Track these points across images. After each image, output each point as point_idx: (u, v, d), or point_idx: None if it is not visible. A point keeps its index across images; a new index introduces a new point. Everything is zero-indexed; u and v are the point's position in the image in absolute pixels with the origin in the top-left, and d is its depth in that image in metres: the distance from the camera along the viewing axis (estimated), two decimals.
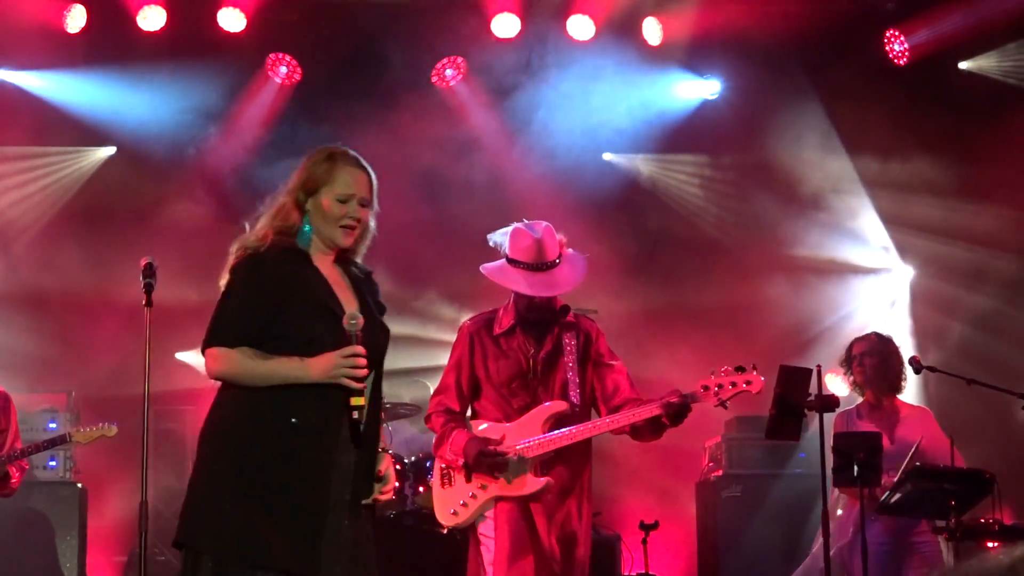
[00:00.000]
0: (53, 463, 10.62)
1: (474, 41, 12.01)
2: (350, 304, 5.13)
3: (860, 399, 9.01)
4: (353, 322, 4.97)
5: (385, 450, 5.27)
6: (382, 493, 5.18)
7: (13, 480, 9.14)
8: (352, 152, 5.39)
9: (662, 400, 6.82)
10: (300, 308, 5.02)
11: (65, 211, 12.01)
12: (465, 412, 7.22)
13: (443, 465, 7.09)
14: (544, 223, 7.10)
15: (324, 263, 5.22)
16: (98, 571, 11.19)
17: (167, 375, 11.50)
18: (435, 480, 7.15)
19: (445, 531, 7.18)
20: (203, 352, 5.08)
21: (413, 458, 10.41)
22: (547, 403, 6.96)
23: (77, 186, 12.16)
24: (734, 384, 6.90)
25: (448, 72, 12.32)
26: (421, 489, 10.14)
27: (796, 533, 10.16)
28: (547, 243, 7.00)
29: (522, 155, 12.30)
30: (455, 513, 7.00)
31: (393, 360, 12.49)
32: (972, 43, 11.95)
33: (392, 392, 11.10)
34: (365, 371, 4.95)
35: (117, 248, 11.46)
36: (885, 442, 8.41)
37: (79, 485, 10.59)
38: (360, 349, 4.95)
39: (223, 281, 5.21)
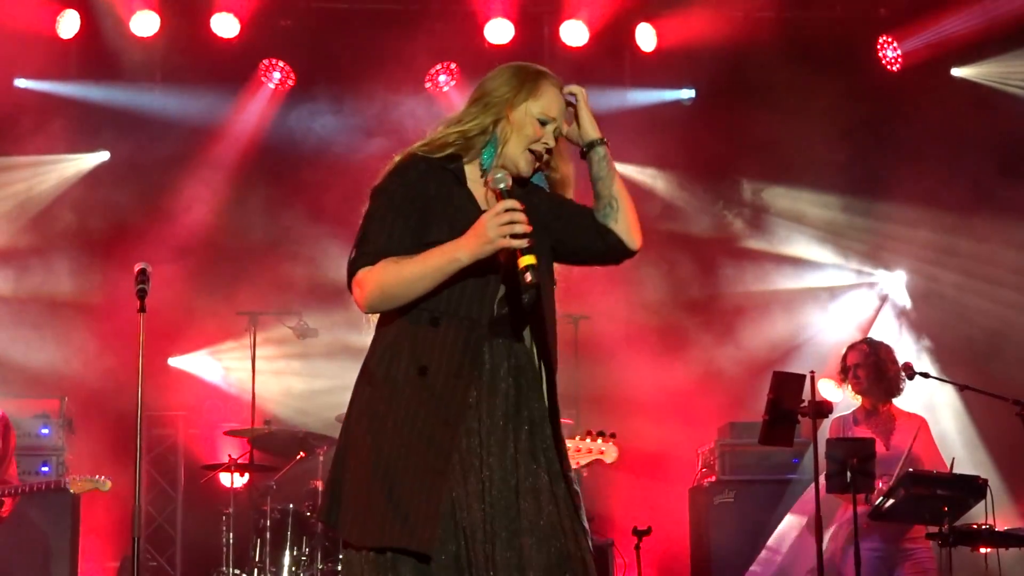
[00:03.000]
0: (46, 469, 10.60)
1: (468, 47, 12.01)
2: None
3: (857, 404, 9.02)
4: (499, 176, 4.46)
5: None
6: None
7: (4, 509, 9.19)
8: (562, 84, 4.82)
9: None
10: (439, 232, 4.47)
11: (59, 216, 11.98)
12: None
13: None
14: None
15: (481, 186, 4.62)
16: None
17: (160, 381, 11.50)
18: None
19: None
20: (349, 286, 4.56)
21: None
22: None
23: (69, 191, 12.12)
24: (590, 450, 6.98)
25: (442, 78, 12.31)
26: None
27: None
28: None
29: None
30: None
31: None
32: (966, 50, 11.96)
33: None
34: (527, 227, 4.33)
35: (111, 253, 11.46)
36: (880, 448, 8.43)
37: (71, 491, 10.57)
38: (514, 202, 4.36)
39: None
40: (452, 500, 4.37)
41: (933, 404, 11.30)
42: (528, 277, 4.29)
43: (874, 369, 8.89)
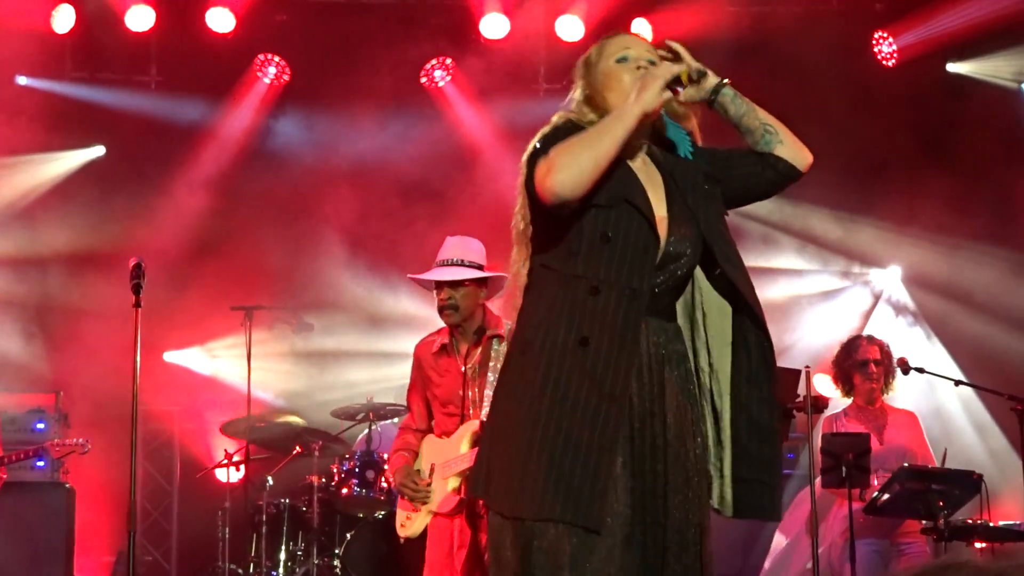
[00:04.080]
0: (41, 464, 10.60)
1: (463, 42, 12.01)
2: (658, 201, 4.46)
3: (846, 402, 9.03)
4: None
5: None
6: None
7: None
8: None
9: None
10: (592, 194, 4.33)
11: (53, 211, 11.97)
12: (428, 429, 7.30)
13: None
14: (476, 240, 7.22)
15: (632, 153, 4.53)
16: (85, 572, 11.17)
17: (156, 376, 11.50)
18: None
19: (402, 541, 7.31)
20: (530, 189, 4.44)
21: None
22: (468, 421, 6.98)
23: (63, 186, 12.10)
24: None
25: (437, 73, 12.31)
26: None
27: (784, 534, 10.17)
28: (459, 245, 7.16)
29: (511, 156, 12.28)
30: (403, 525, 7.19)
31: (378, 369, 12.35)
32: (961, 45, 11.94)
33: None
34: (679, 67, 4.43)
35: (106, 248, 11.45)
36: (874, 443, 8.44)
37: (67, 485, 10.57)
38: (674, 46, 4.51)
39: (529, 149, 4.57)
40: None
41: (941, 394, 11.37)
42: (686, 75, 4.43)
43: (887, 363, 8.91)
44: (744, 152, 4.67)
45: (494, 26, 11.89)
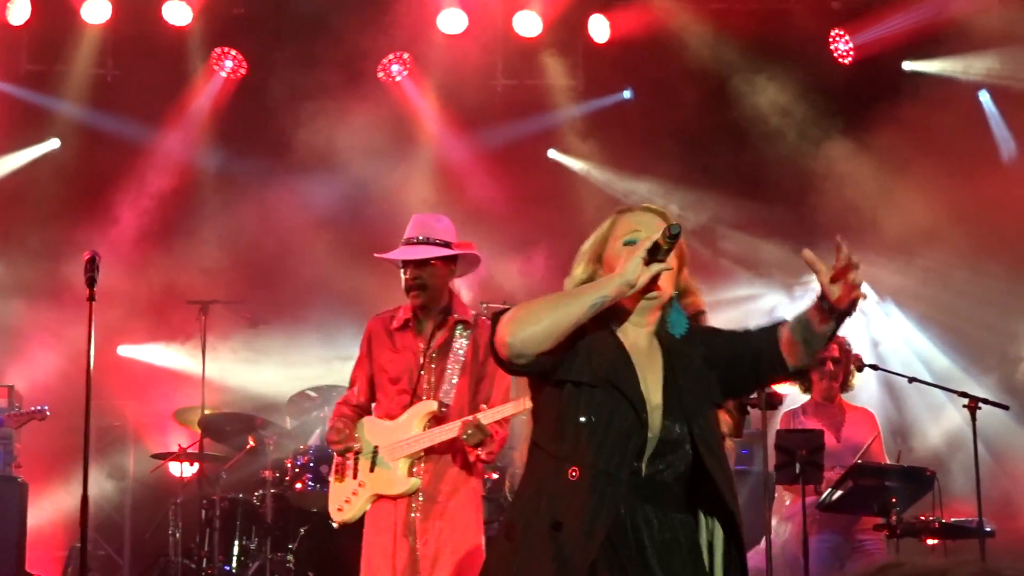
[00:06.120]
0: None
1: (420, 37, 11.99)
2: (654, 386, 4.31)
3: (804, 399, 9.06)
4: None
5: None
6: None
7: None
8: (651, 205, 4.52)
9: (464, 421, 6.71)
10: (577, 371, 4.26)
11: (7, 203, 11.90)
12: (368, 407, 7.18)
13: (336, 461, 7.11)
14: (445, 217, 7.14)
15: (633, 333, 4.39)
16: (38, 566, 11.09)
17: (110, 369, 11.43)
18: (331, 475, 7.15)
19: (336, 526, 7.16)
20: (496, 352, 4.25)
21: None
22: (420, 402, 6.88)
23: (17, 180, 12.03)
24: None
25: (394, 68, 12.29)
26: None
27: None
28: (426, 223, 7.01)
29: (467, 151, 12.30)
30: (340, 509, 7.01)
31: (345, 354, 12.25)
32: (917, 44, 12.00)
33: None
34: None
35: (60, 241, 11.40)
36: (832, 440, 8.47)
37: (20, 479, 10.51)
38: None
39: None
40: None
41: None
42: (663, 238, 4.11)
43: (845, 362, 8.93)
44: (743, 338, 4.49)
45: (452, 21, 11.89)
